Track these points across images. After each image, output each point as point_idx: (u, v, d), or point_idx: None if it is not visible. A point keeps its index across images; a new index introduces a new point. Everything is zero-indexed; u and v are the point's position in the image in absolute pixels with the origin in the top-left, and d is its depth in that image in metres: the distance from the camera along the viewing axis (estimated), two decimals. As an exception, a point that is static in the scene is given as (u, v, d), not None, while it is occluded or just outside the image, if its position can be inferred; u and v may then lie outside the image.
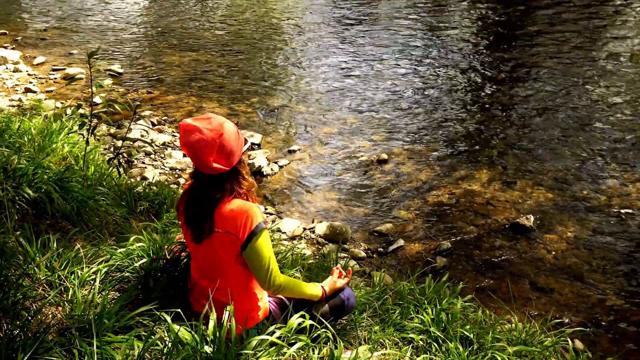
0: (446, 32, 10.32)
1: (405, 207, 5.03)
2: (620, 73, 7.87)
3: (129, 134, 6.00)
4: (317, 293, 2.43)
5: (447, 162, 5.77)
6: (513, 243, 4.48)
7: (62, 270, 2.36)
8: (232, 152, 2.11)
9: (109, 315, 2.09)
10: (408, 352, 2.47)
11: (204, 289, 2.24)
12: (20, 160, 3.08)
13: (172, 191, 4.01)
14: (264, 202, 5.15)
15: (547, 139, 6.13)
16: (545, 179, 5.35)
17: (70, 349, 1.91)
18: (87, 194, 3.12)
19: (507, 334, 2.82)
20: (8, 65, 8.62)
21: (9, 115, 4.75)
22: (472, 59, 8.91)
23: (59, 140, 4.04)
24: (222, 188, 2.15)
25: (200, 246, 2.20)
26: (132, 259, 2.55)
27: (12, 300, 2.05)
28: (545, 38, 9.48)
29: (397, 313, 2.82)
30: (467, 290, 3.59)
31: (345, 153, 6.04)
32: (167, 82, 8.19)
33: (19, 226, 2.63)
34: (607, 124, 6.40)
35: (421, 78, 8.15)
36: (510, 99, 7.32)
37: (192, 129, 2.06)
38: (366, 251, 4.45)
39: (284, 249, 3.51)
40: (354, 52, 9.36)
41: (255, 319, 2.27)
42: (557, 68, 8.14)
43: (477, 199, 5.09)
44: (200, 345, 1.92)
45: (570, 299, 3.87)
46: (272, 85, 8.06)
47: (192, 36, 10.60)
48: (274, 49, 9.74)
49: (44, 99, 7.22)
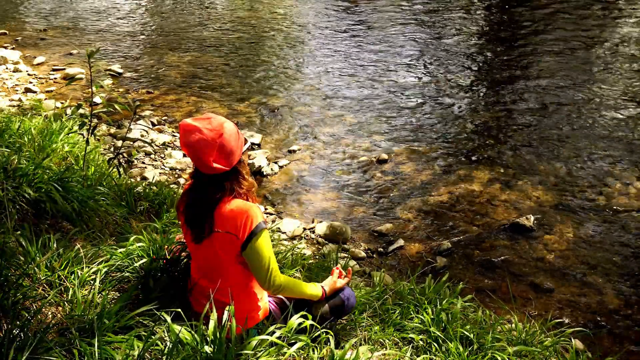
0: (446, 33, 10.32)
1: (405, 207, 5.03)
2: (620, 73, 7.87)
3: (129, 134, 6.00)
4: (317, 293, 2.43)
5: (447, 162, 5.77)
6: (513, 243, 4.48)
7: (62, 270, 2.36)
8: (232, 152, 2.11)
9: (109, 315, 2.09)
10: (408, 352, 2.47)
11: (204, 289, 2.24)
12: (21, 160, 3.08)
13: (172, 191, 4.01)
14: (264, 202, 5.15)
15: (547, 139, 6.13)
16: (545, 179, 5.35)
17: (70, 349, 1.91)
18: (87, 194, 3.12)
19: (507, 334, 2.82)
20: (8, 65, 8.62)
21: (9, 115, 4.75)
22: (472, 59, 8.91)
23: (59, 140, 4.04)
24: (222, 188, 2.15)
25: (200, 246, 2.21)
26: (132, 259, 2.55)
27: (12, 300, 2.05)
28: (545, 38, 9.48)
29: (397, 313, 2.82)
30: (467, 290, 3.59)
31: (345, 153, 6.04)
32: (167, 82, 8.19)
33: (19, 226, 2.63)
34: (607, 123, 6.40)
35: (421, 78, 8.15)
36: (510, 99, 7.32)
37: (192, 128, 2.06)
38: (366, 251, 4.45)
39: (284, 249, 3.51)
40: (354, 52, 9.36)
41: (255, 319, 2.27)
42: (557, 68, 8.14)
43: (477, 199, 5.09)
44: (201, 346, 1.92)
45: (570, 299, 3.87)
46: (272, 85, 8.06)
47: (192, 36, 10.60)
48: (274, 49, 9.74)
49: (44, 99, 7.22)
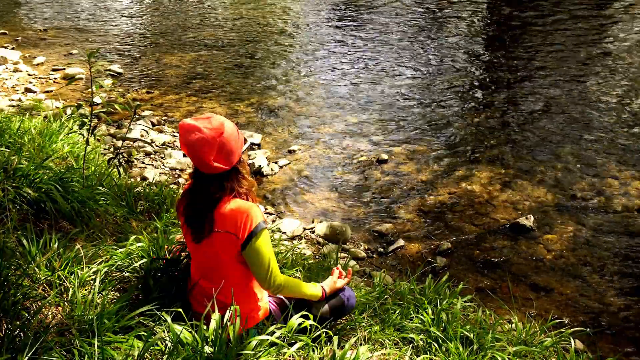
0: (446, 33, 10.32)
1: (405, 207, 5.03)
2: (620, 73, 7.87)
3: (129, 134, 6.00)
4: (317, 293, 2.43)
5: (447, 162, 5.77)
6: (513, 243, 4.48)
7: (62, 270, 2.35)
8: (232, 152, 2.11)
9: (109, 315, 2.08)
10: (408, 352, 2.47)
11: (203, 289, 2.24)
12: (21, 160, 3.08)
13: (172, 191, 4.01)
14: (264, 202, 5.15)
15: (548, 139, 6.13)
16: (545, 179, 5.35)
17: (70, 349, 1.91)
18: (87, 194, 3.12)
19: (507, 334, 2.82)
20: (8, 65, 8.61)
21: (9, 115, 4.75)
22: (472, 59, 8.91)
23: (59, 140, 4.04)
24: (222, 188, 2.15)
25: (200, 246, 2.20)
26: (132, 259, 2.55)
27: (12, 300, 2.05)
28: (545, 38, 9.48)
29: (397, 313, 2.82)
30: (467, 290, 3.59)
31: (345, 153, 6.04)
32: (167, 82, 8.19)
33: (19, 226, 2.63)
34: (607, 123, 6.40)
35: (421, 78, 8.15)
36: (510, 99, 7.32)
37: (191, 128, 2.06)
38: (366, 251, 4.45)
39: (284, 249, 3.51)
40: (354, 52, 9.36)
41: (255, 319, 2.27)
42: (557, 67, 8.14)
43: (477, 199, 5.09)
44: (201, 346, 1.92)
45: (570, 299, 3.87)
46: (272, 85, 8.06)
47: (192, 36, 10.60)
48: (274, 49, 9.74)
49: (44, 99, 7.22)
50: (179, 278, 2.43)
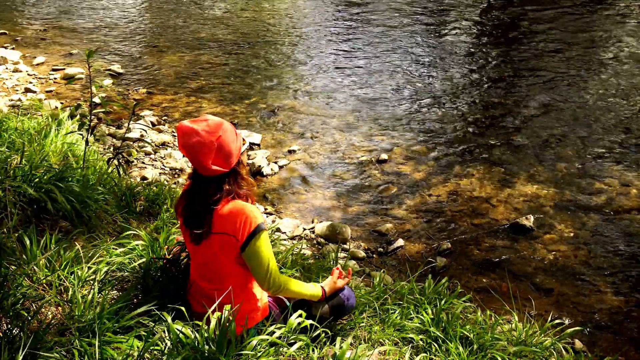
0: (446, 33, 10.32)
1: (405, 207, 5.03)
2: (620, 73, 7.87)
3: (129, 133, 5.99)
4: (317, 293, 2.43)
5: (447, 162, 5.77)
6: (513, 243, 4.48)
7: (62, 270, 2.35)
8: (230, 153, 2.11)
9: (109, 315, 2.08)
10: (408, 351, 2.47)
11: (203, 289, 2.24)
12: (21, 160, 3.08)
13: (171, 191, 4.01)
14: (264, 202, 5.15)
15: (547, 139, 6.13)
16: (546, 179, 5.35)
17: (70, 349, 1.91)
18: (87, 193, 3.12)
19: (507, 334, 2.82)
20: (8, 65, 8.60)
21: (8, 114, 4.75)
22: (472, 59, 8.91)
23: (59, 140, 4.04)
24: (221, 189, 2.15)
25: (199, 247, 2.20)
26: (132, 259, 2.55)
27: (12, 300, 2.05)
28: (545, 38, 9.48)
29: (397, 313, 2.82)
30: (467, 290, 3.59)
31: (345, 153, 6.04)
32: (167, 82, 8.18)
33: (19, 226, 2.63)
34: (607, 123, 6.40)
35: (421, 78, 8.14)
36: (510, 99, 7.32)
37: (189, 131, 2.06)
38: (366, 251, 4.45)
39: (283, 249, 3.51)
40: (354, 52, 9.36)
41: (254, 319, 2.27)
42: (557, 68, 8.13)
43: (477, 198, 5.09)
44: (201, 346, 1.92)
45: (570, 299, 3.87)
46: (272, 85, 8.06)
47: (192, 36, 10.59)
48: (273, 49, 9.74)
49: (44, 98, 7.21)
50: (179, 278, 2.43)
